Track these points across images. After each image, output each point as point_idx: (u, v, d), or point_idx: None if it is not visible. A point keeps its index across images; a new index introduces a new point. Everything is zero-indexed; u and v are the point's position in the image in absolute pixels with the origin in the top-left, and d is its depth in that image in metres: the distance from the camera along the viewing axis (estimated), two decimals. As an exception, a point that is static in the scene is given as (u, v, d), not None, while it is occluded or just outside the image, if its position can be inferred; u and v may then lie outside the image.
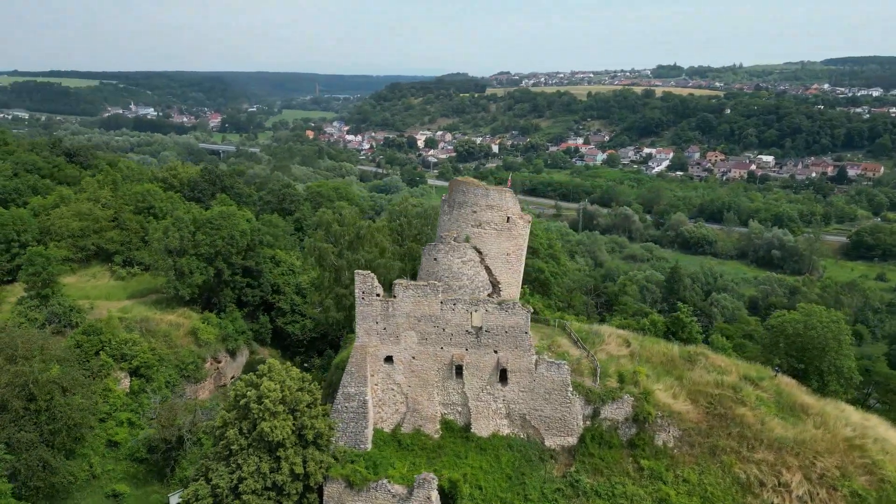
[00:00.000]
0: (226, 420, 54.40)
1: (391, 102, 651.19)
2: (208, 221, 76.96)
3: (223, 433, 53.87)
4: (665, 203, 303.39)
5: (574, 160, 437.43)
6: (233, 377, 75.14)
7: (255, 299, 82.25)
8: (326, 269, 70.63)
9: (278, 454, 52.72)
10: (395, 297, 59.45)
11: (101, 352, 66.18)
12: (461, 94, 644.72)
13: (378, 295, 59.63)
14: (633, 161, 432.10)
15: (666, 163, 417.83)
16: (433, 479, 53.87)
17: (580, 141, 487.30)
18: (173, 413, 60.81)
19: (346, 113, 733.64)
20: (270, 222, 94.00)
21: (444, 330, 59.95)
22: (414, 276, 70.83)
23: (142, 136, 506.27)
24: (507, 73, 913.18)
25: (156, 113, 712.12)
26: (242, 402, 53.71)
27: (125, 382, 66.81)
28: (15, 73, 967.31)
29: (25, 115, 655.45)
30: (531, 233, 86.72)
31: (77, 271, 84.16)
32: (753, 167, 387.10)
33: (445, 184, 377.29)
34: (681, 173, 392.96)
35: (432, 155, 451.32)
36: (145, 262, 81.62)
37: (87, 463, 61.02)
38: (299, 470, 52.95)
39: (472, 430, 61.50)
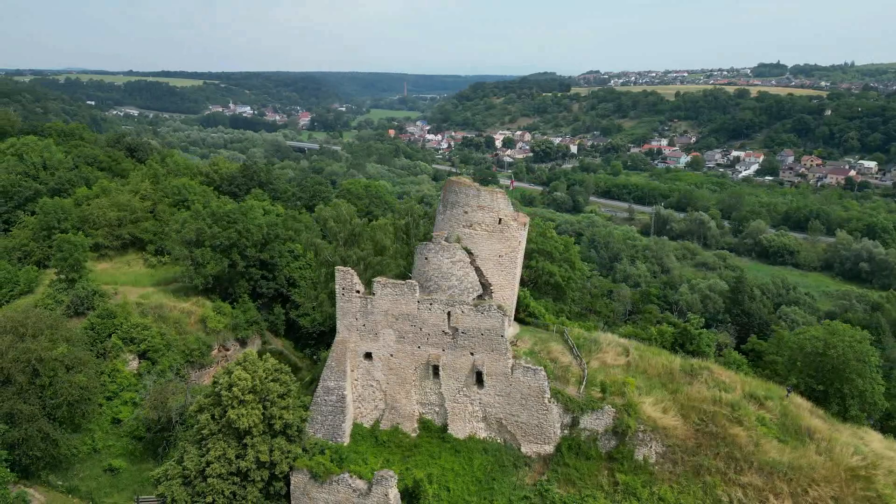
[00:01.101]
0: (201, 405, 56.84)
1: (473, 102, 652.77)
2: (225, 215, 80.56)
3: (198, 418, 56.30)
4: (747, 209, 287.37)
5: (655, 162, 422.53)
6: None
7: (270, 291, 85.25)
8: (322, 264, 72.34)
9: (245, 441, 54.46)
10: (373, 294, 59.99)
11: (112, 334, 70.91)
12: (543, 94, 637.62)
13: (358, 291, 60.35)
14: (718, 164, 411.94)
15: (755, 167, 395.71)
16: (392, 476, 54.07)
17: (664, 142, 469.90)
18: (164, 396, 64.20)
19: (430, 112, 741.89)
20: (294, 217, 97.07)
21: (420, 329, 59.99)
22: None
23: (234, 133, 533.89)
24: (597, 72, 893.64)
25: (252, 111, 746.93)
26: (217, 389, 55.87)
27: (133, 364, 71.18)
28: (130, 73, 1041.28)
29: (135, 111, 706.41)
30: (544, 236, 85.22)
31: (113, 258, 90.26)
32: (852, 173, 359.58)
33: (518, 184, 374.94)
34: (770, 178, 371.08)
35: (508, 155, 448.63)
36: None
37: (91, 438, 65.56)
38: (265, 458, 54.50)
39: (448, 431, 61.22)
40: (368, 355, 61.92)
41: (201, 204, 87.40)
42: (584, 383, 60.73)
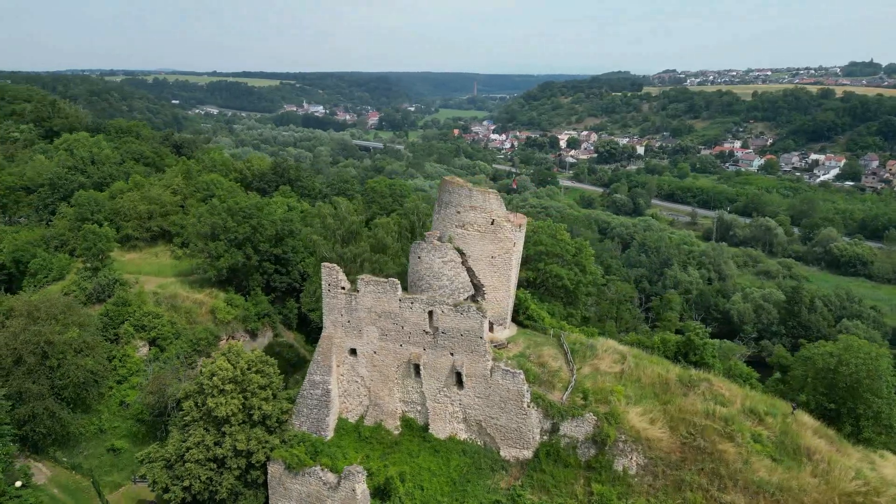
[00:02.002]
0: (188, 393, 58.98)
1: (540, 101, 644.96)
2: (241, 210, 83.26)
3: (182, 405, 58.50)
4: (819, 216, 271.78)
5: (726, 165, 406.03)
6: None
7: (283, 285, 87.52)
8: (320, 261, 73.38)
9: (224, 430, 56.16)
10: (357, 291, 60.57)
11: (126, 321, 74.71)
12: (613, 93, 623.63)
13: (343, 288, 61.10)
14: (795, 168, 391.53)
15: (835, 171, 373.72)
16: (360, 472, 54.53)
17: (738, 144, 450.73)
18: (160, 382, 67.04)
19: (497, 112, 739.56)
20: (311, 213, 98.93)
21: (402, 328, 60.15)
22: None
23: (304, 132, 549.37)
24: (673, 70, 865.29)
25: (324, 111, 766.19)
26: (200, 377, 57.90)
27: (143, 350, 74.84)
28: (214, 73, 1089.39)
29: (215, 110, 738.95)
30: (555, 238, 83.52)
31: (143, 249, 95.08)
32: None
33: (578, 185, 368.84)
34: (850, 183, 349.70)
35: (572, 155, 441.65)
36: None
37: (98, 418, 69.35)
38: (242, 447, 56.01)
39: (430, 431, 61.16)
40: (353, 351, 62.61)
41: (219, 199, 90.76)
42: (570, 389, 59.26)
